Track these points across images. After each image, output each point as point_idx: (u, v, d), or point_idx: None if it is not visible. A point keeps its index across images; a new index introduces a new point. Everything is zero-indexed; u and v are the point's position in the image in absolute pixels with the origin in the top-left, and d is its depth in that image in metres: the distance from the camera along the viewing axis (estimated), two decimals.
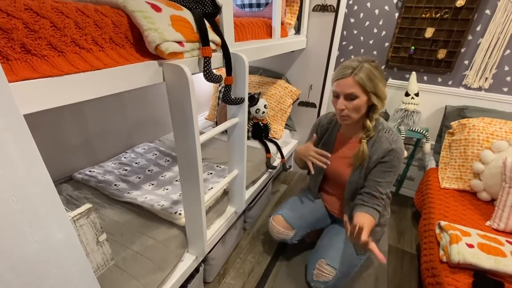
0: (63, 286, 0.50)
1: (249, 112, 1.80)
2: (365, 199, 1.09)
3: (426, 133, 1.76)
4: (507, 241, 1.11)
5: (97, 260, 0.85)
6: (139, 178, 1.42)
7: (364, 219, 1.01)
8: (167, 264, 1.00)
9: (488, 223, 1.29)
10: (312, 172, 1.15)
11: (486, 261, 1.01)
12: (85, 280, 0.55)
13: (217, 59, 0.91)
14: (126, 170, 1.48)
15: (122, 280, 0.90)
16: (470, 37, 1.62)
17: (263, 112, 1.81)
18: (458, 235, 1.12)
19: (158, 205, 1.17)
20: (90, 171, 1.42)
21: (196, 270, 1.16)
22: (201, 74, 0.83)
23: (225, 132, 1.78)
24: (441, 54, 1.69)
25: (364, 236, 0.85)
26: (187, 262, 1.08)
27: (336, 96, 1.04)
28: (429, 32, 1.68)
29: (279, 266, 1.46)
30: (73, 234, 0.48)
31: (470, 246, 1.07)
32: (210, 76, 0.81)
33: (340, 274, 1.14)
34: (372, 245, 0.86)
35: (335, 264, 1.14)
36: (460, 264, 1.04)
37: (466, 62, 1.68)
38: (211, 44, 0.83)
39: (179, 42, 0.74)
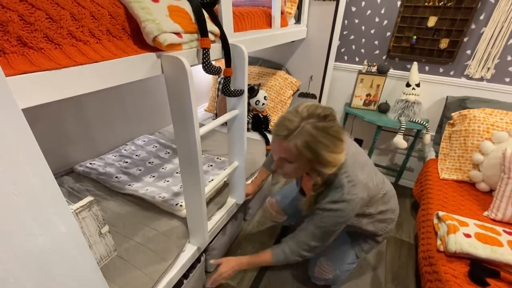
0: (67, 276, 0.51)
1: (248, 104, 1.79)
2: (288, 236, 1.02)
3: (426, 124, 1.75)
4: (504, 231, 1.12)
5: (100, 252, 0.87)
6: (140, 170, 1.43)
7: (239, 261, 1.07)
8: (169, 254, 1.01)
9: (485, 213, 1.31)
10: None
11: (483, 250, 1.02)
12: (88, 270, 0.57)
13: (216, 50, 0.89)
14: (126, 162, 1.48)
15: (125, 270, 0.91)
16: (473, 26, 1.60)
17: (263, 104, 1.80)
18: (456, 225, 1.13)
19: (159, 197, 1.18)
20: (90, 164, 1.42)
21: (198, 260, 1.19)
22: (200, 66, 0.83)
23: (225, 124, 1.78)
24: (444, 43, 1.67)
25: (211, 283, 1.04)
26: (189, 252, 1.10)
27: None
28: (431, 21, 1.65)
29: None
30: (76, 227, 0.49)
31: (467, 235, 1.08)
32: (209, 68, 0.80)
33: (340, 272, 1.17)
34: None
35: (334, 263, 1.16)
36: (456, 254, 1.06)
37: (469, 52, 1.66)
38: (210, 35, 0.82)
39: (177, 33, 0.73)
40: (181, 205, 1.13)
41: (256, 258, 1.06)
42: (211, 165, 1.49)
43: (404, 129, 1.74)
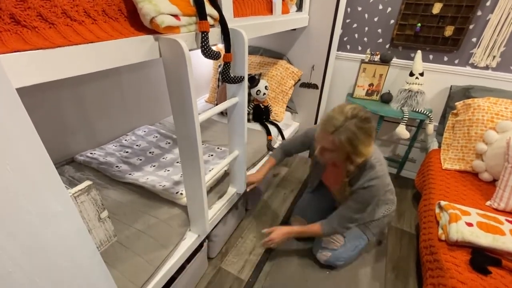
0: (64, 257, 0.51)
1: (249, 94, 1.77)
2: (333, 214, 1.19)
3: (429, 114, 1.73)
4: (506, 220, 1.11)
5: (100, 236, 0.87)
6: (140, 160, 1.43)
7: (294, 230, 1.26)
8: (170, 241, 1.02)
9: (488, 203, 1.30)
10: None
11: (484, 239, 1.02)
12: (87, 253, 0.57)
13: (215, 34, 0.88)
14: (127, 152, 1.48)
15: (126, 257, 0.92)
16: (479, 13, 1.56)
17: (264, 94, 1.78)
18: (458, 214, 1.12)
19: (160, 185, 1.18)
20: (91, 153, 1.42)
21: (200, 245, 1.19)
22: (199, 52, 0.81)
23: (225, 114, 1.76)
24: (448, 31, 1.63)
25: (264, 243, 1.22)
26: (190, 240, 1.10)
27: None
28: (436, 8, 1.61)
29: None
30: (73, 207, 0.48)
31: (469, 224, 1.07)
32: (208, 52, 0.79)
33: (348, 243, 1.27)
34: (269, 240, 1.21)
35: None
36: (458, 242, 1.05)
37: (474, 39, 1.62)
38: (209, 19, 0.80)
39: (175, 16, 0.71)
40: (181, 193, 1.13)
41: (306, 229, 1.24)
42: (212, 155, 1.48)
43: (406, 119, 1.72)
